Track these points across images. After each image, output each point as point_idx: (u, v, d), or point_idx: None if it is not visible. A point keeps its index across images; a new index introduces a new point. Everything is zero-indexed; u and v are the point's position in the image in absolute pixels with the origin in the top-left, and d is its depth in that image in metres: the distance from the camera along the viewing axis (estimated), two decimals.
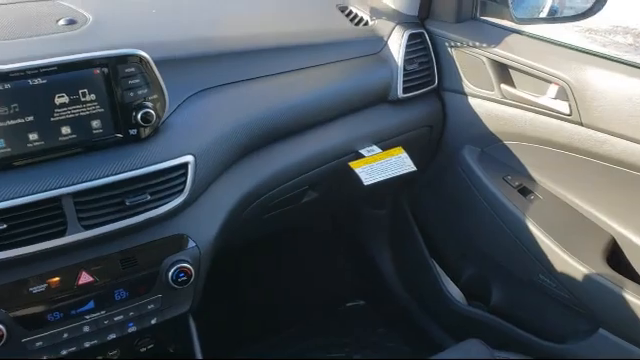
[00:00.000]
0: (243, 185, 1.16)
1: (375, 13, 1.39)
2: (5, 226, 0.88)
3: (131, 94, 0.97)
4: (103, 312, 1.01)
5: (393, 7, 1.42)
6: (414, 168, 1.32)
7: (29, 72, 0.89)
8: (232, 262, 1.24)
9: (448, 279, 1.63)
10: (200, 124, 1.07)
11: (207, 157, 1.05)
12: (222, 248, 1.14)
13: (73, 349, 1.00)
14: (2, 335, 0.92)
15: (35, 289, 0.94)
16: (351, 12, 1.40)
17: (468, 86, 1.35)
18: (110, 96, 0.95)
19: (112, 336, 1.03)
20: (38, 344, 0.97)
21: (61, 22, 1.08)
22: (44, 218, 0.91)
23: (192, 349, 1.15)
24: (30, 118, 0.91)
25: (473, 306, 1.58)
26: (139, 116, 0.97)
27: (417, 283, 1.74)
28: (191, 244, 1.07)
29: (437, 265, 1.64)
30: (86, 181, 0.93)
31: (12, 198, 0.89)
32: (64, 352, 0.99)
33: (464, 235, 1.52)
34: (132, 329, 1.04)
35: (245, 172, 1.16)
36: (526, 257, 1.32)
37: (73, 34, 1.05)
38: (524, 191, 1.35)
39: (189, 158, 1.02)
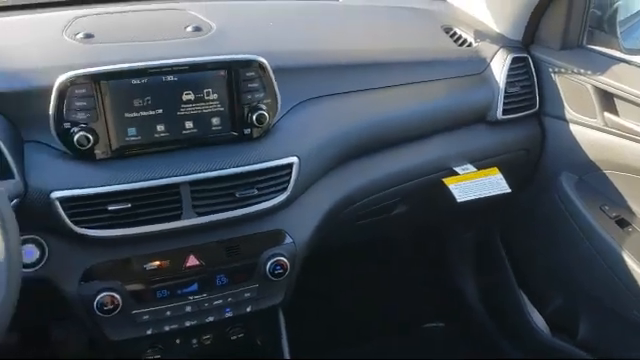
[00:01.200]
0: (340, 190, 1.22)
1: (479, 35, 1.42)
2: (130, 205, 0.99)
3: (249, 96, 1.06)
4: (205, 295, 1.09)
5: (498, 31, 1.44)
6: (508, 190, 1.33)
7: (164, 69, 0.99)
8: (321, 266, 1.29)
9: (533, 307, 1.60)
10: (306, 129, 1.14)
11: (310, 160, 1.12)
12: (316, 248, 1.19)
13: (175, 326, 1.08)
14: (118, 305, 1.01)
15: (148, 266, 1.04)
16: (455, 33, 1.44)
17: (570, 112, 1.34)
18: (230, 97, 1.05)
19: (210, 319, 1.10)
20: (145, 317, 1.06)
21: (188, 29, 1.19)
22: (163, 202, 1.01)
23: (280, 342, 1.21)
24: (160, 111, 1.01)
25: (558, 337, 1.54)
26: (254, 117, 1.05)
27: (501, 309, 1.71)
28: (288, 240, 1.14)
29: (523, 292, 1.61)
30: (203, 172, 1.02)
31: (137, 181, 0.99)
32: (166, 328, 1.08)
33: (555, 263, 1.49)
34: (229, 314, 1.11)
35: (343, 178, 1.22)
36: (621, 291, 1.28)
37: (199, 40, 1.16)
38: (622, 222, 1.31)
39: (294, 159, 1.09)
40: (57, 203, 0.96)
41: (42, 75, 1.00)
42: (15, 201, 0.91)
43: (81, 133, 0.96)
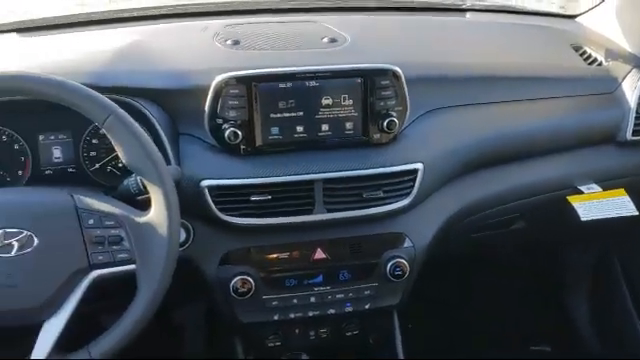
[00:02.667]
0: (460, 200, 1.25)
1: (610, 55, 1.40)
2: (269, 197, 1.07)
3: (381, 103, 1.12)
4: (328, 287, 1.15)
5: (630, 51, 1.41)
6: (636, 212, 1.29)
7: (309, 75, 1.08)
8: (434, 273, 1.32)
9: None
10: (431, 138, 1.18)
11: (434, 167, 1.16)
12: (432, 255, 1.23)
13: (299, 315, 1.15)
14: (251, 288, 1.10)
15: (281, 255, 1.12)
16: (585, 52, 1.42)
17: None
18: (364, 103, 1.11)
19: (331, 311, 1.16)
20: (274, 303, 1.14)
21: (324, 40, 1.27)
22: (298, 196, 1.09)
23: (393, 342, 1.25)
24: (300, 113, 1.10)
25: None
26: (385, 123, 1.11)
27: (615, 336, 1.65)
28: (408, 243, 1.18)
29: None
30: (335, 171, 1.10)
31: (277, 176, 1.08)
32: (292, 315, 1.15)
33: None
34: (348, 309, 1.17)
35: (464, 188, 1.25)
36: None
37: (335, 50, 1.24)
38: None
39: (419, 165, 1.13)
40: (206, 191, 1.06)
41: (198, 76, 1.11)
42: None
43: (231, 129, 1.06)
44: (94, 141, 1.16)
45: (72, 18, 1.35)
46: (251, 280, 1.10)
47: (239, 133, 1.07)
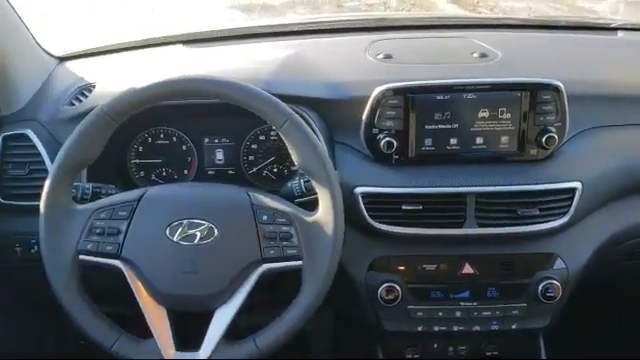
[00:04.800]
0: (617, 223, 1.18)
1: None
2: (421, 207, 1.08)
3: (541, 118, 1.09)
4: (475, 303, 1.13)
5: None
6: None
7: (468, 87, 1.08)
8: (584, 297, 1.25)
9: None
10: (590, 157, 1.14)
11: (593, 187, 1.11)
12: (586, 279, 1.17)
13: (444, 328, 1.14)
14: (398, 297, 1.11)
15: (428, 267, 1.12)
16: None
17: None
18: (522, 118, 1.09)
19: (476, 328, 1.14)
20: (419, 314, 1.14)
21: (475, 55, 1.27)
22: (449, 209, 1.09)
23: None
24: (455, 125, 1.10)
25: None
26: (543, 139, 1.09)
27: None
28: (561, 265, 1.13)
29: None
30: (489, 185, 1.08)
31: (430, 187, 1.09)
32: (436, 328, 1.14)
33: None
34: (494, 327, 1.14)
35: (622, 212, 1.18)
36: None
37: (487, 65, 1.23)
38: None
39: (577, 184, 1.09)
40: (359, 198, 1.09)
41: (356, 87, 1.15)
42: None
43: (387, 139, 1.09)
44: (253, 146, 1.23)
45: (234, 31, 1.45)
46: (398, 288, 1.11)
47: (394, 143, 1.09)
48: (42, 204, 0.91)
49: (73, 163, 0.92)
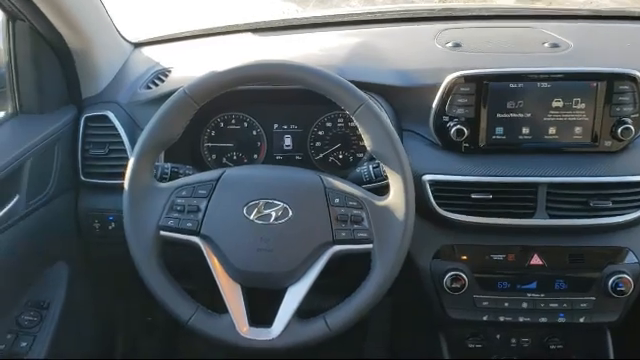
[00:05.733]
0: None
1: None
2: (490, 197, 1.08)
3: (617, 109, 1.07)
4: (542, 295, 1.12)
5: None
6: None
7: (542, 76, 1.07)
8: None
9: None
10: None
11: None
12: None
13: (509, 319, 1.13)
14: (464, 285, 1.11)
15: (495, 257, 1.12)
16: None
17: None
18: (597, 108, 1.07)
19: (543, 319, 1.13)
20: (485, 303, 1.13)
21: (546, 45, 1.25)
22: (519, 199, 1.08)
23: None
24: (528, 115, 1.09)
25: None
26: (619, 131, 1.07)
27: None
28: (633, 259, 1.11)
29: None
30: (561, 176, 1.07)
31: (500, 176, 1.08)
32: (501, 319, 1.14)
33: None
34: (562, 320, 1.13)
35: None
36: None
37: (560, 54, 1.21)
38: None
39: None
40: (427, 185, 1.09)
41: (426, 74, 1.16)
42: None
43: (457, 126, 1.09)
44: (320, 133, 1.25)
45: (302, 20, 1.47)
46: (464, 277, 1.11)
47: (464, 131, 1.09)
48: (126, 181, 0.95)
49: (156, 142, 0.96)
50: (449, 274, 1.11)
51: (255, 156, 1.27)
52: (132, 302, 1.50)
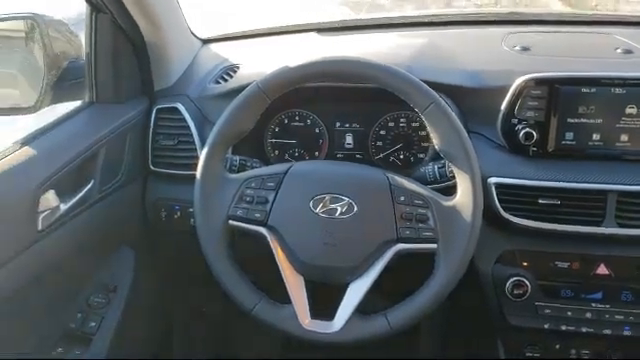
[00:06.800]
0: None
1: None
2: (558, 202, 1.06)
3: None
4: (607, 306, 1.09)
5: None
6: None
7: (616, 81, 1.04)
8: None
9: None
10: None
11: None
12: None
13: (572, 328, 1.11)
14: (526, 291, 1.09)
15: (560, 264, 1.09)
16: None
17: None
18: None
19: (607, 331, 1.10)
20: (546, 311, 1.11)
21: (618, 51, 1.22)
22: (588, 206, 1.05)
23: None
24: (599, 121, 1.07)
25: None
26: None
27: None
28: None
29: None
30: (633, 184, 1.04)
31: (570, 182, 1.06)
32: (563, 327, 1.11)
33: None
34: (627, 332, 1.09)
35: None
36: None
37: (634, 61, 1.17)
38: None
39: None
40: (493, 188, 1.08)
41: (494, 76, 1.15)
42: None
43: (526, 129, 1.07)
44: (382, 132, 1.26)
45: (367, 21, 1.49)
46: (527, 283, 1.09)
47: (533, 134, 1.07)
48: (198, 171, 0.98)
49: (228, 134, 0.98)
50: (511, 280, 1.10)
51: (316, 153, 1.29)
52: (190, 291, 1.54)
